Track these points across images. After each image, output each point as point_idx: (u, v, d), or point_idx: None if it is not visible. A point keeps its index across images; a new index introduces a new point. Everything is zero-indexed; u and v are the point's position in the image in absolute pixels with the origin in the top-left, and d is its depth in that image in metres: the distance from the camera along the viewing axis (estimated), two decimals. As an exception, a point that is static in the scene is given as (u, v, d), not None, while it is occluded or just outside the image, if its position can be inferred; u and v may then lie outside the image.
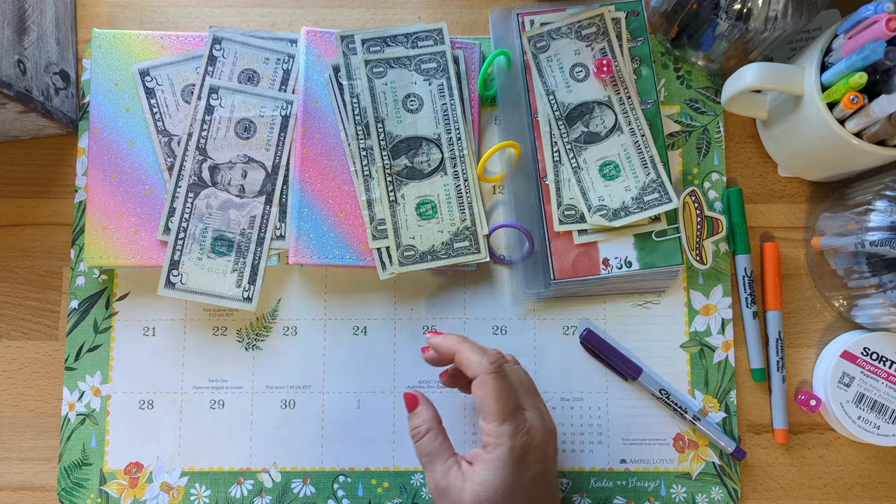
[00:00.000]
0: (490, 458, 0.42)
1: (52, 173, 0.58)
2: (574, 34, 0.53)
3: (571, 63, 0.53)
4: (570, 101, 0.54)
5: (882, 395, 0.53)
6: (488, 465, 0.42)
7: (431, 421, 0.46)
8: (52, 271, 0.57)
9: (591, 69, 0.53)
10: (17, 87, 0.50)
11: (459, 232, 0.54)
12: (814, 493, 0.55)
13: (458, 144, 0.54)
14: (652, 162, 0.53)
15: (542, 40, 0.53)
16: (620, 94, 0.53)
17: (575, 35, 0.53)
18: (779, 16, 0.49)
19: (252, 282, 0.54)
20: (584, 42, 0.53)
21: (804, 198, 0.58)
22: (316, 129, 0.55)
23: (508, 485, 0.42)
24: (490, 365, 0.43)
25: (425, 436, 0.45)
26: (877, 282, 0.51)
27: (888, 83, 0.47)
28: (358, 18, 0.59)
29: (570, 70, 0.53)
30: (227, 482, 0.54)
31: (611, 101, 0.53)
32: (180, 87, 0.55)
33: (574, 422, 0.55)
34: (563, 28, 0.53)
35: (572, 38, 0.53)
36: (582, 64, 0.53)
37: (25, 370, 0.56)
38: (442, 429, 0.46)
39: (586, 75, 0.53)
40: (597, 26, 0.53)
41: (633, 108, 0.53)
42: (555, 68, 0.53)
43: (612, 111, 0.53)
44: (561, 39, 0.53)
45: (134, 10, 0.59)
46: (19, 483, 0.55)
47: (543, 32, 0.53)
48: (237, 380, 0.55)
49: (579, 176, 0.53)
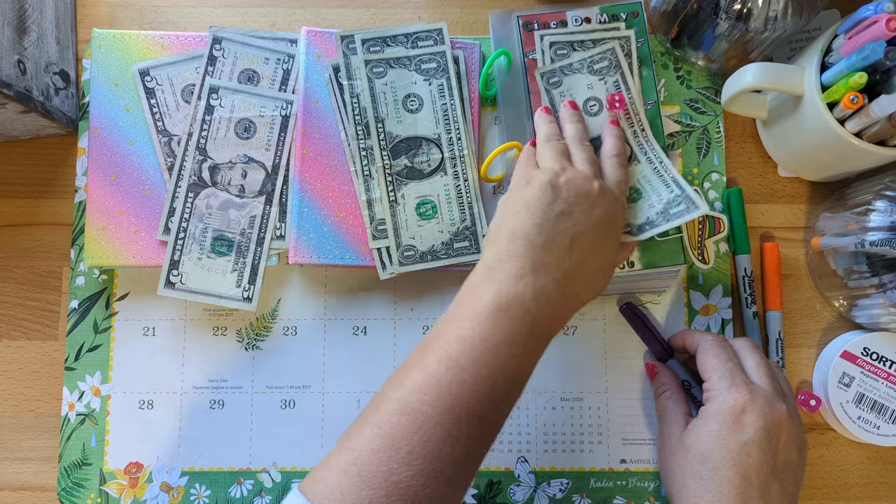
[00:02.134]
0: (704, 409, 0.47)
1: (52, 173, 0.58)
2: (586, 69, 0.54)
3: (584, 97, 0.53)
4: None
5: (882, 395, 0.53)
6: (701, 415, 0.47)
7: (670, 383, 0.52)
8: (52, 271, 0.57)
9: (605, 104, 0.53)
10: (17, 87, 0.50)
11: (459, 232, 0.54)
12: (814, 493, 0.55)
13: (458, 144, 0.54)
14: (675, 181, 0.51)
15: (555, 76, 0.54)
16: (634, 126, 0.53)
17: (587, 70, 0.54)
18: (779, 16, 0.49)
19: (252, 282, 0.54)
20: (597, 76, 0.54)
21: (804, 198, 0.58)
22: (316, 129, 0.55)
23: (714, 438, 0.45)
24: (711, 336, 0.50)
25: (661, 395, 0.52)
26: (877, 282, 0.51)
27: (888, 83, 0.47)
28: (358, 18, 0.59)
29: (583, 105, 0.53)
30: (227, 482, 0.54)
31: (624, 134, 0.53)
32: (180, 87, 0.55)
33: (574, 422, 0.55)
34: (574, 64, 0.54)
35: (584, 72, 0.54)
36: (595, 98, 0.53)
37: (25, 370, 0.56)
38: (680, 392, 0.51)
39: (599, 109, 0.53)
40: (608, 60, 0.54)
41: (648, 138, 0.53)
42: None
43: (627, 144, 0.53)
44: (573, 75, 0.54)
45: (134, 10, 0.59)
46: (19, 483, 0.55)
47: (556, 69, 0.54)
48: (237, 380, 0.55)
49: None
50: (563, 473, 0.55)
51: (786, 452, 0.45)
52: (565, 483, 0.55)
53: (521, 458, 0.55)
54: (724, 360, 0.47)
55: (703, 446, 0.45)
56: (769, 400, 0.45)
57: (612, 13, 0.56)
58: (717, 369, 0.47)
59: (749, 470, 0.43)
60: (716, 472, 0.44)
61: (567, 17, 0.56)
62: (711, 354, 0.48)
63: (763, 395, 0.46)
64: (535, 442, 0.55)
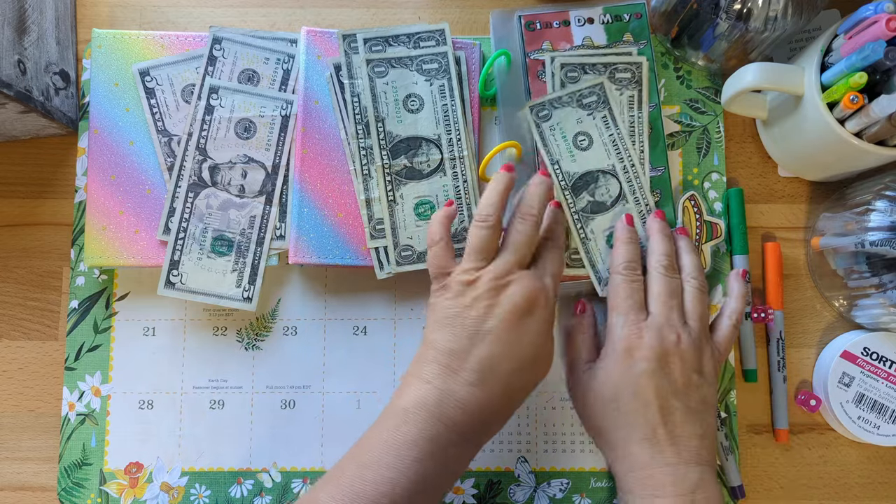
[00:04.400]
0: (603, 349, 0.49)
1: (52, 173, 0.58)
2: (575, 103, 0.53)
3: (574, 132, 0.53)
4: (574, 171, 0.53)
5: (882, 395, 0.53)
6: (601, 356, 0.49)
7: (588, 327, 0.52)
8: (52, 271, 0.57)
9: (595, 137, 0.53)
10: (17, 87, 0.50)
11: (458, 233, 0.54)
12: (814, 493, 0.55)
13: (458, 145, 0.54)
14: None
15: (545, 109, 0.53)
16: (624, 161, 0.53)
17: (576, 104, 0.53)
18: (779, 16, 0.49)
19: (252, 282, 0.54)
20: (586, 111, 0.53)
21: (804, 198, 0.58)
22: (316, 129, 0.55)
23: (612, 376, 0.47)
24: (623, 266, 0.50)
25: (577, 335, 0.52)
26: (877, 282, 0.51)
27: (888, 83, 0.47)
28: (358, 18, 0.59)
29: (573, 139, 0.53)
30: (227, 482, 0.54)
31: (615, 170, 0.53)
32: (180, 87, 0.55)
33: (574, 422, 0.55)
34: (564, 97, 0.53)
35: (574, 106, 0.53)
36: (585, 132, 0.53)
37: (25, 370, 0.56)
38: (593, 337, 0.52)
39: (589, 144, 0.53)
40: (597, 95, 0.53)
41: (638, 175, 0.53)
42: (558, 137, 0.53)
43: (617, 180, 0.53)
44: (562, 108, 0.53)
45: (134, 10, 0.59)
46: (19, 483, 0.55)
47: (545, 102, 0.53)
48: (237, 380, 0.55)
49: (587, 247, 0.53)
50: (563, 473, 0.55)
51: (684, 376, 0.47)
52: (565, 483, 0.55)
53: (521, 458, 0.55)
54: (625, 298, 0.49)
55: (604, 386, 0.48)
56: (658, 332, 0.47)
57: (615, 13, 0.56)
58: (616, 308, 0.49)
59: (648, 397, 0.46)
60: (619, 407, 0.47)
61: (570, 16, 0.56)
62: (616, 291, 0.49)
63: (653, 327, 0.47)
64: (535, 442, 0.55)
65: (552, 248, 0.49)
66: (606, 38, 0.55)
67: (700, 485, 0.44)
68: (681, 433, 0.45)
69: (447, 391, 0.43)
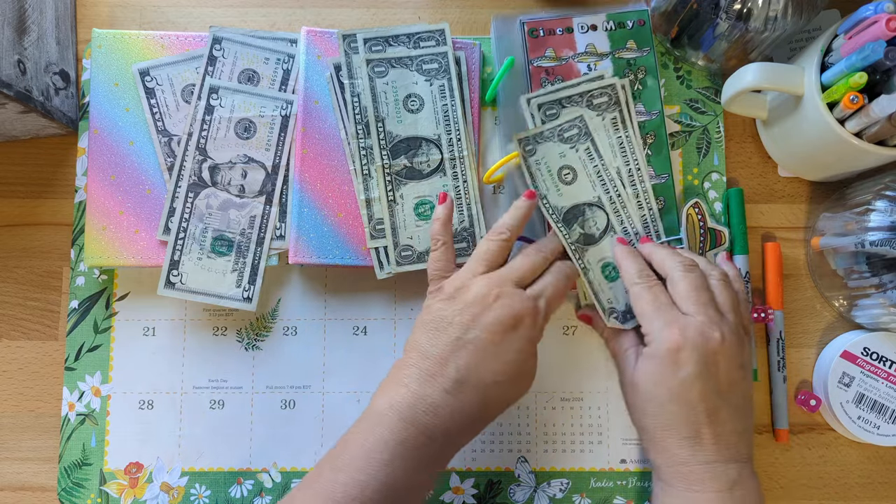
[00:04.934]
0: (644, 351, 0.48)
1: (52, 173, 0.58)
2: (556, 137, 0.53)
3: (558, 166, 0.53)
4: (563, 205, 0.53)
5: (882, 395, 0.53)
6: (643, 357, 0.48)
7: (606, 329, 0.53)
8: (52, 271, 0.57)
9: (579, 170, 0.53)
10: (17, 87, 0.50)
11: (458, 233, 0.54)
12: (814, 493, 0.55)
13: (458, 146, 0.54)
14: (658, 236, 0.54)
15: (530, 143, 0.53)
16: (609, 192, 0.53)
17: (557, 138, 0.53)
18: (779, 16, 0.49)
19: (252, 282, 0.54)
20: (568, 144, 0.53)
21: (804, 198, 0.58)
22: (316, 129, 0.55)
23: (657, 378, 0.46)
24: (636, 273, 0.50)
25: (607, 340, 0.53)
26: (877, 282, 0.51)
27: (888, 83, 0.47)
28: (358, 18, 0.59)
29: (558, 173, 0.53)
30: (227, 482, 0.54)
31: (601, 202, 0.53)
32: (180, 87, 0.55)
33: (574, 422, 0.55)
34: (545, 132, 0.53)
35: (555, 140, 0.53)
36: (569, 167, 0.53)
37: (25, 370, 0.56)
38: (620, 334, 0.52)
39: (574, 178, 0.53)
40: (578, 128, 0.53)
41: (624, 205, 0.53)
42: (543, 172, 0.53)
43: (604, 211, 0.53)
44: (545, 143, 0.53)
45: (134, 10, 0.59)
46: (19, 483, 0.55)
47: (530, 137, 0.53)
48: (237, 380, 0.55)
49: (588, 277, 0.52)
50: (563, 473, 0.55)
51: (728, 374, 0.46)
52: (565, 483, 0.55)
53: (521, 458, 0.55)
54: (651, 301, 0.48)
55: (648, 387, 0.47)
56: (701, 331, 0.46)
57: (618, 20, 0.55)
58: (646, 314, 0.48)
59: (693, 400, 0.45)
60: (663, 409, 0.46)
61: (573, 23, 0.55)
62: (640, 299, 0.49)
63: (694, 327, 0.46)
64: (535, 442, 0.55)
65: (556, 272, 0.49)
66: (610, 45, 0.55)
67: (738, 481, 0.45)
68: (722, 431, 0.45)
69: (422, 395, 0.44)
